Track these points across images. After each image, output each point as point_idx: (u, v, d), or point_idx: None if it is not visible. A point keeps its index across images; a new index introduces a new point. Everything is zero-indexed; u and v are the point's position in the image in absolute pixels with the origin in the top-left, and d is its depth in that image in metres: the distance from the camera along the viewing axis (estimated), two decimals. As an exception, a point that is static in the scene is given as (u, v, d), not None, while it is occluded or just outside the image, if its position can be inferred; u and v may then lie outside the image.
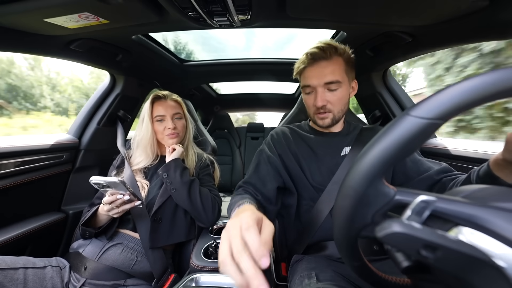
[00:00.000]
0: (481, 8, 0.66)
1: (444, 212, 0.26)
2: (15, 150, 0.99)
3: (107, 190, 0.80)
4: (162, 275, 0.87)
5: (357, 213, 0.30)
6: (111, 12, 0.73)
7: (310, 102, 0.83)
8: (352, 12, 0.79)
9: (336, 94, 0.79)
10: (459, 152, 0.96)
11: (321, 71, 0.77)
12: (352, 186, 0.29)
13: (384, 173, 0.28)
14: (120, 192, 0.79)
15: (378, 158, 0.28)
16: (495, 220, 0.25)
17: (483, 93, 0.25)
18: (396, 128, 0.27)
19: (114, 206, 0.80)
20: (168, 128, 1.01)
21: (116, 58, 1.13)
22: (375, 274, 0.35)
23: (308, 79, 0.79)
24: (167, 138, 1.02)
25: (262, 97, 2.62)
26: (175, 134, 1.02)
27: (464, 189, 0.32)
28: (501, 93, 0.25)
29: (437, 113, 0.26)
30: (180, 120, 1.06)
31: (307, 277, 0.66)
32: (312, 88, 0.79)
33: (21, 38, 0.83)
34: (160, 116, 1.02)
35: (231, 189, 2.60)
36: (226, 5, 0.70)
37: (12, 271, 0.70)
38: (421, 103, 0.27)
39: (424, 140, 0.27)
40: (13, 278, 0.69)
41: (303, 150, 0.87)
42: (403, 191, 0.29)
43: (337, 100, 0.80)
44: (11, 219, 1.02)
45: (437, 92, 0.27)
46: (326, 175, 0.83)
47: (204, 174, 1.08)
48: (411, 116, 0.27)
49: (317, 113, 0.82)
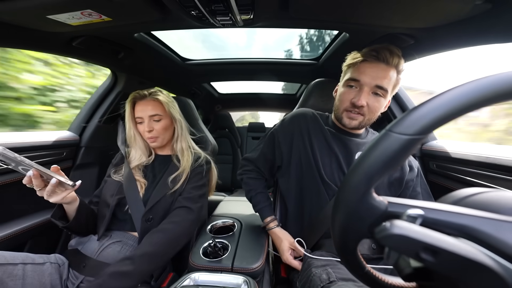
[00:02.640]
0: (484, 11, 0.66)
1: (435, 223, 0.27)
2: (15, 146, 0.99)
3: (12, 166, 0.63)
4: (161, 273, 0.87)
5: (352, 227, 0.30)
6: (113, 9, 0.73)
7: (348, 96, 0.79)
8: (354, 13, 0.79)
9: (378, 101, 0.78)
10: (459, 155, 0.96)
11: (377, 72, 0.75)
12: (343, 202, 0.30)
13: (372, 187, 0.28)
14: (20, 168, 0.64)
15: (364, 174, 0.28)
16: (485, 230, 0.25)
17: (462, 104, 0.26)
18: (379, 145, 0.28)
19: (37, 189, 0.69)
20: (146, 131, 0.97)
21: (118, 55, 1.13)
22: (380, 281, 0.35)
23: (360, 74, 0.76)
24: (148, 141, 1.00)
25: (263, 96, 2.62)
26: (153, 138, 0.98)
27: (458, 194, 0.32)
28: (480, 103, 0.25)
29: (417, 129, 0.26)
30: (159, 122, 0.98)
31: (325, 273, 0.65)
32: (360, 84, 0.77)
33: (23, 35, 0.83)
34: (139, 118, 0.98)
35: (231, 189, 2.60)
36: (229, 5, 0.70)
37: (11, 266, 0.70)
38: (402, 119, 0.28)
39: (407, 155, 0.28)
40: (12, 273, 0.69)
41: (319, 141, 0.88)
42: (395, 203, 0.29)
43: (374, 108, 0.78)
44: (10, 215, 1.02)
45: (416, 106, 0.28)
46: (337, 172, 0.85)
47: (194, 174, 1.00)
48: (392, 133, 0.27)
49: (349, 111, 0.81)
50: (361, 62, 0.77)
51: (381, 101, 0.78)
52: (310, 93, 1.18)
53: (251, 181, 1.01)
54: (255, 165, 1.02)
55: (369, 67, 0.76)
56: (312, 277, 0.67)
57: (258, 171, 1.02)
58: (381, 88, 0.75)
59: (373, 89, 0.76)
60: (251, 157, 1.03)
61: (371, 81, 0.75)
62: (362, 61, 0.77)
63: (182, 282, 0.70)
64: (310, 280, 0.67)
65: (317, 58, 1.46)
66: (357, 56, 0.79)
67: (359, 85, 0.77)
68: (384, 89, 0.75)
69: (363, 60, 0.77)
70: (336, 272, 0.65)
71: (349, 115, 0.81)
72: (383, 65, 0.74)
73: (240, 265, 0.79)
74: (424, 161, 1.16)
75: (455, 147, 1.01)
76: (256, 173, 1.02)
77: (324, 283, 0.62)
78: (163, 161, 1.05)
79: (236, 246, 0.89)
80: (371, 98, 0.77)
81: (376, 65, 0.75)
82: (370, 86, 0.75)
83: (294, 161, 0.91)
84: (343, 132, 0.90)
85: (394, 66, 0.75)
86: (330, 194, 0.84)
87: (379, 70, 0.74)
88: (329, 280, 0.62)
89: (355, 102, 0.77)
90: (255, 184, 1.00)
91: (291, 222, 0.93)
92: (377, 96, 0.77)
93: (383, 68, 0.74)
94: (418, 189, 0.88)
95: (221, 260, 0.81)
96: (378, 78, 0.74)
